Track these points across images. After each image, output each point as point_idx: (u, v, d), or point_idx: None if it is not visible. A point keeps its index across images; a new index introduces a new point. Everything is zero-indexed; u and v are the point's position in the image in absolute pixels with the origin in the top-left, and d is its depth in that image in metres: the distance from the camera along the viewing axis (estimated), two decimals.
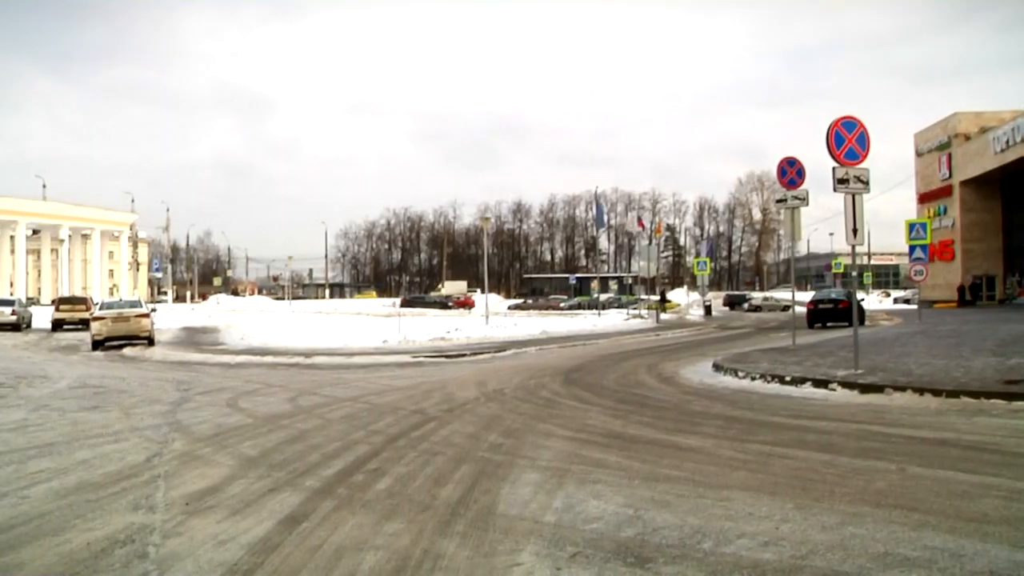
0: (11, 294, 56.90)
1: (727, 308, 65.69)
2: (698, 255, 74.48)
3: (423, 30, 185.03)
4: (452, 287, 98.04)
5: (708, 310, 52.03)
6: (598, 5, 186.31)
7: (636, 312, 46.91)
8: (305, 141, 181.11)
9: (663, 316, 44.31)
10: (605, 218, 65.56)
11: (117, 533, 4.92)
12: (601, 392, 12.33)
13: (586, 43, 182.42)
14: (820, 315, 31.84)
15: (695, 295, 61.57)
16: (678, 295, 71.15)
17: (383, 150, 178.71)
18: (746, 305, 63.40)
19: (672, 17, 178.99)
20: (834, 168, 12.22)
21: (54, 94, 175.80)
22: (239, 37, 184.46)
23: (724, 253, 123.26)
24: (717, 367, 14.90)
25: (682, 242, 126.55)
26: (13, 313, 37.02)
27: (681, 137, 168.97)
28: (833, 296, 34.15)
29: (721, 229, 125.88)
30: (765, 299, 64.76)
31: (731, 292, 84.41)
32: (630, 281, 72.47)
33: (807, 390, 11.68)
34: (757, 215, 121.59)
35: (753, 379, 13.07)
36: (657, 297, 52.81)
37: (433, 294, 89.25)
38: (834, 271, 76.34)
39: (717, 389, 12.55)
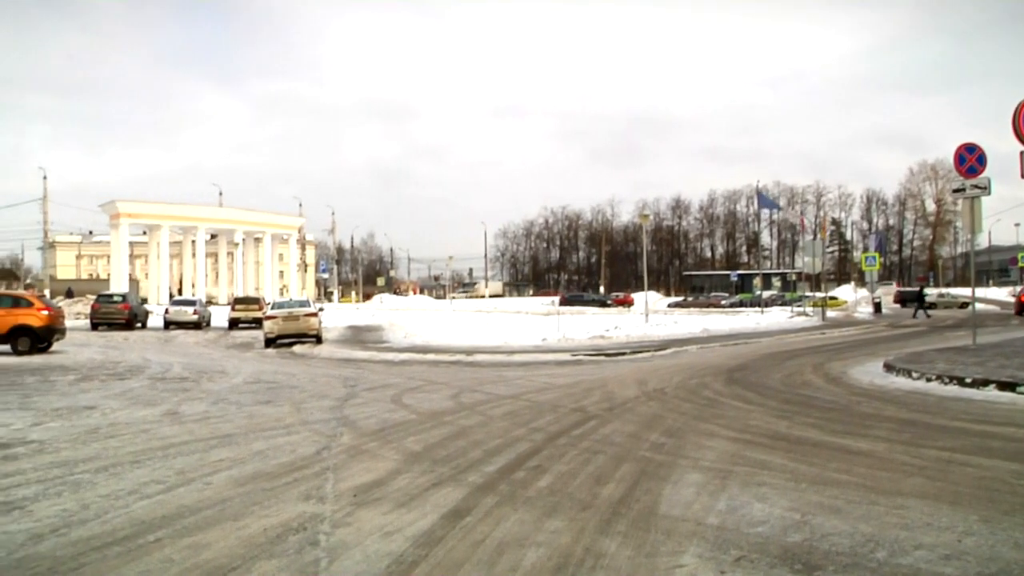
0: (192, 295, 60.47)
1: (898, 305, 62.61)
2: (866, 250, 71.25)
3: (558, 31, 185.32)
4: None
5: (878, 307, 49.71)
6: None
7: (800, 310, 45.40)
8: (453, 145, 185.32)
9: (829, 314, 42.67)
10: (771, 203, 63.25)
11: (291, 521, 5.14)
12: (765, 392, 11.99)
13: (727, 33, 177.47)
14: None
15: (863, 292, 58.98)
16: (844, 291, 68.23)
17: (529, 151, 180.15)
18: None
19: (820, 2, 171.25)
20: (1022, 153, 11.40)
21: (226, 107, 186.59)
22: (382, 48, 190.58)
23: (894, 247, 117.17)
24: (888, 367, 14.21)
25: (848, 236, 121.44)
26: (195, 312, 39.58)
27: (840, 128, 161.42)
28: None
29: (891, 222, 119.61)
30: (941, 295, 61.27)
31: (903, 288, 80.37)
32: (794, 278, 70.16)
33: (991, 393, 10.96)
34: (931, 206, 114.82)
35: (928, 380, 12.38)
36: (822, 294, 50.64)
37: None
38: (1020, 264, 71.31)
39: (888, 390, 11.97)
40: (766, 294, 58.93)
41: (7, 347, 21.76)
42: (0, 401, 11.70)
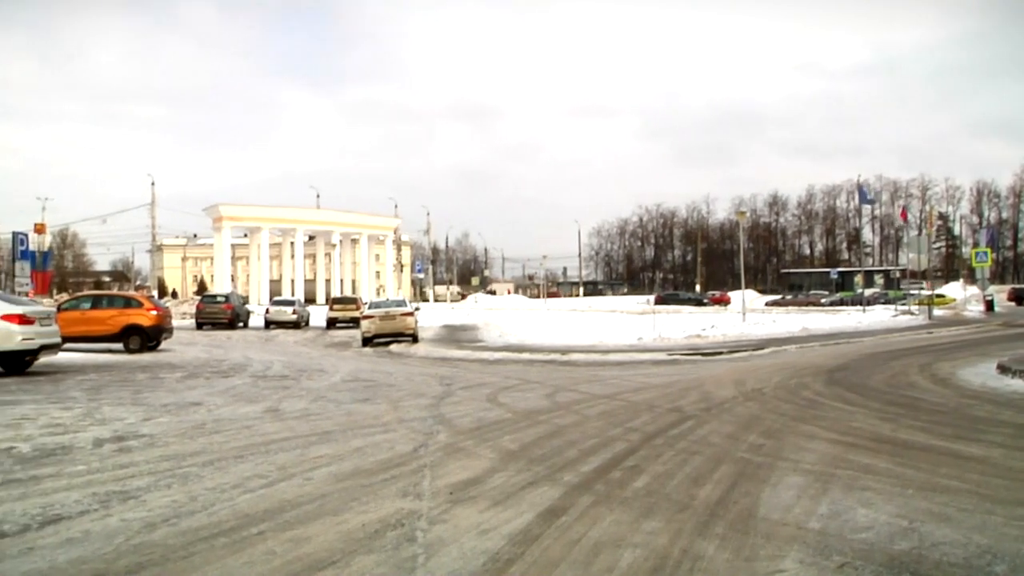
0: (292, 295, 61.88)
1: (1013, 303, 59.98)
2: (976, 245, 68.43)
3: (641, 28, 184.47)
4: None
5: (990, 305, 47.68)
6: None
7: (905, 308, 43.95)
8: (541, 145, 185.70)
9: (936, 312, 41.18)
10: (870, 197, 61.16)
11: (388, 517, 5.21)
12: (867, 393, 11.64)
13: (810, 23, 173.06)
14: None
15: (973, 289, 56.72)
16: (952, 289, 65.71)
17: (618, 149, 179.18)
18: None
19: None
20: None
21: (321, 112, 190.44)
22: (468, 50, 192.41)
23: (1008, 242, 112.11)
24: (1003, 369, 13.58)
25: (957, 231, 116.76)
26: (294, 312, 40.63)
27: (943, 118, 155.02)
28: None
29: (1004, 216, 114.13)
30: None
31: (1017, 285, 76.92)
32: (898, 275, 67.99)
33: None
34: None
35: None
36: (929, 292, 48.80)
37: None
38: None
39: (1003, 393, 11.47)
40: (868, 292, 57.27)
41: (119, 345, 22.72)
42: (114, 397, 12.20)
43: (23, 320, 15.54)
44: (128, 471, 6.66)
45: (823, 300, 65.02)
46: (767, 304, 66.05)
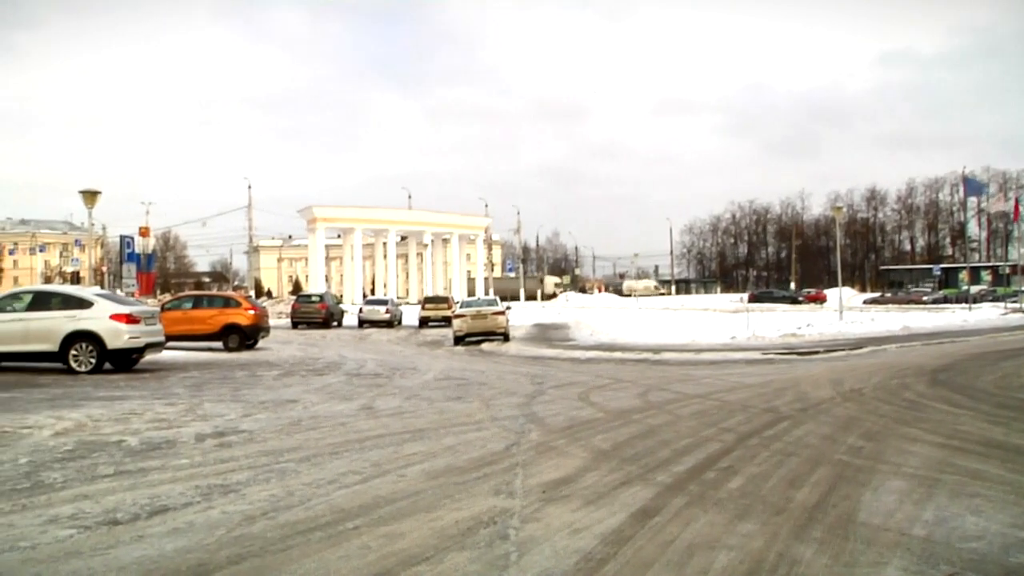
0: (384, 294, 62.70)
1: None
2: None
3: (722, 22, 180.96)
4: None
5: None
6: None
7: (1016, 306, 42.18)
8: (628, 142, 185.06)
9: None
10: (981, 187, 58.36)
11: (481, 514, 5.24)
12: (975, 395, 11.20)
13: (901, 11, 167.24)
14: None
15: None
16: None
17: (706, 145, 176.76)
18: None
19: None
20: None
21: (411, 114, 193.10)
22: (554, 51, 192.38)
23: None
24: None
25: None
26: (387, 311, 41.16)
27: None
28: None
29: None
30: None
31: None
32: (1007, 271, 65.24)
33: None
34: None
35: None
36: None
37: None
38: None
39: None
40: (974, 289, 55.16)
41: (219, 343, 23.45)
42: (215, 394, 12.59)
43: (130, 319, 16.18)
44: (228, 465, 6.86)
45: (925, 298, 62.98)
46: (865, 302, 64.36)
